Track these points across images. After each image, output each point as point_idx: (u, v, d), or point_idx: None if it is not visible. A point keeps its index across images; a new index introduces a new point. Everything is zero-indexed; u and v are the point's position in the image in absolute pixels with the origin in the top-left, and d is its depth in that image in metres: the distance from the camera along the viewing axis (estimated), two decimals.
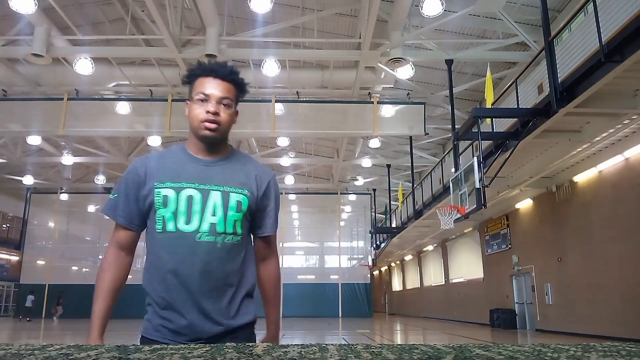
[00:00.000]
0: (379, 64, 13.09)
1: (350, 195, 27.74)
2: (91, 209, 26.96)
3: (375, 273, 39.36)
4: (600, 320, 11.08)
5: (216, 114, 1.51)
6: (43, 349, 0.91)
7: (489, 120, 10.33)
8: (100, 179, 23.93)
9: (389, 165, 22.02)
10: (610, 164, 10.85)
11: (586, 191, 11.81)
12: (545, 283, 13.61)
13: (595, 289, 11.33)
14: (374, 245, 25.33)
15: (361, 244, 27.47)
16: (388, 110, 14.95)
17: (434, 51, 13.01)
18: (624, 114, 8.48)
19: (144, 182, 1.53)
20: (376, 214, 27.63)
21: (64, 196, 26.31)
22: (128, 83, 15.02)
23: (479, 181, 9.49)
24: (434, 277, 24.79)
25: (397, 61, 12.52)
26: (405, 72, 13.54)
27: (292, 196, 27.31)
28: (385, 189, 23.60)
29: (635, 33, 6.21)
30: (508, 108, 10.14)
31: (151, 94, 15.19)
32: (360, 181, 25.37)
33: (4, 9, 11.38)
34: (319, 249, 28.04)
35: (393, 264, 35.12)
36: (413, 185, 18.87)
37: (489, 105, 10.13)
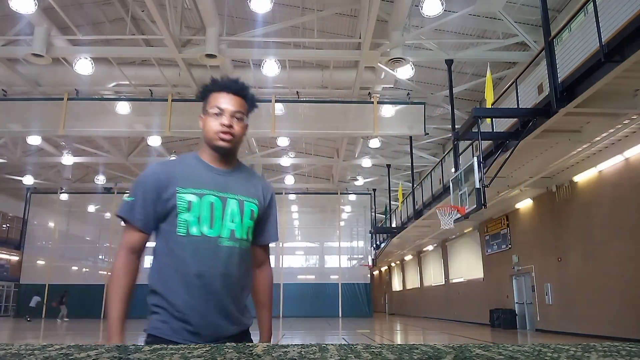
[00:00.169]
0: (379, 64, 13.08)
1: (350, 195, 27.72)
2: (91, 209, 26.98)
3: (375, 273, 39.34)
4: (600, 320, 11.07)
5: (230, 126, 1.62)
6: (43, 349, 0.91)
7: (489, 120, 10.33)
8: (101, 179, 23.91)
9: (389, 165, 22.02)
10: (610, 164, 10.84)
11: (586, 191, 11.81)
12: (545, 283, 13.60)
13: (595, 288, 11.32)
14: (374, 245, 25.31)
15: (361, 244, 27.44)
16: (388, 110, 14.95)
17: (434, 51, 13.00)
18: (624, 114, 8.47)
19: (165, 187, 1.58)
20: (376, 214, 27.60)
21: (64, 196, 26.29)
22: (128, 83, 15.01)
23: (479, 181, 9.49)
24: (434, 277, 24.78)
25: (397, 61, 12.52)
26: (405, 72, 13.54)
27: (292, 196, 27.27)
28: (385, 189, 23.59)
29: (635, 33, 6.21)
30: (508, 108, 10.13)
31: (151, 94, 15.19)
32: (360, 181, 25.36)
33: (4, 9, 11.38)
34: (319, 249, 28.02)
35: (393, 264, 35.10)
36: (413, 185, 18.87)
37: (489, 105, 10.13)
